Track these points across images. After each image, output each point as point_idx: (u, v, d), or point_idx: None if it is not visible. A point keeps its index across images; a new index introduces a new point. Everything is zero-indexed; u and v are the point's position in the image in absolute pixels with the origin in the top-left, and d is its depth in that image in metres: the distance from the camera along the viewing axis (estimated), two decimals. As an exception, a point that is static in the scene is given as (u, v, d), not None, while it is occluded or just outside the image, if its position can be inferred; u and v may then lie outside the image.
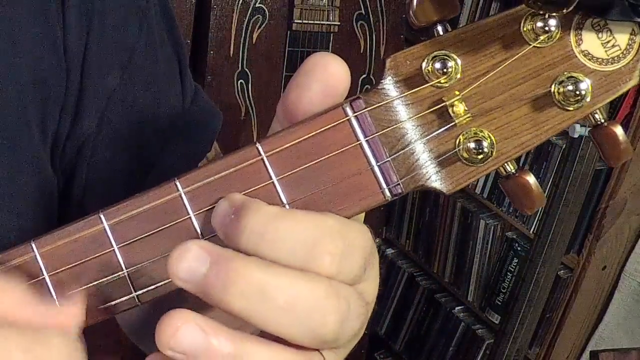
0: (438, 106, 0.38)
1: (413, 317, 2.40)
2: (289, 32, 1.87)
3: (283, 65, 1.89)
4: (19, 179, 0.55)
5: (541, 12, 0.37)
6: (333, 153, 0.38)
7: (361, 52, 1.97)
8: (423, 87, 0.38)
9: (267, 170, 0.38)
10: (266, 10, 1.84)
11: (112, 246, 0.39)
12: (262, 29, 1.85)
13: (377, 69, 1.99)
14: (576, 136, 1.58)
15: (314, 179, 0.38)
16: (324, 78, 0.37)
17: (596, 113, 0.38)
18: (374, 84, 0.39)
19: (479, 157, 0.38)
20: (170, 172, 0.40)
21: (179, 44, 0.64)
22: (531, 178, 0.39)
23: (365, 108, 0.38)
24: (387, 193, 0.38)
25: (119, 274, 0.39)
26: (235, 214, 0.36)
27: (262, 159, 0.38)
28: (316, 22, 1.88)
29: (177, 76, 0.64)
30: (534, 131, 0.38)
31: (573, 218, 1.70)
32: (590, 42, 0.38)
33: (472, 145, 0.38)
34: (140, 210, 0.39)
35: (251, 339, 0.36)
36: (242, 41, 1.84)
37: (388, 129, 0.38)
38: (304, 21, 1.87)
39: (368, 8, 1.96)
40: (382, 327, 2.47)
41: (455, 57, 0.38)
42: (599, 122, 0.38)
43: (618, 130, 0.38)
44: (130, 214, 0.39)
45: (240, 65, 1.85)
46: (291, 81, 0.38)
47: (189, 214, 0.38)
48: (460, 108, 0.38)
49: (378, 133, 0.38)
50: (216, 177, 0.38)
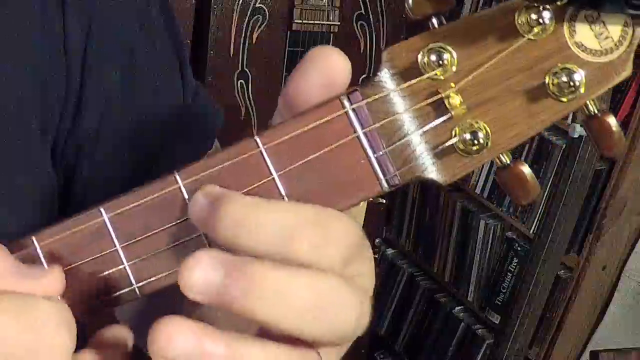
0: (434, 98, 0.38)
1: (413, 317, 2.40)
2: (289, 32, 1.87)
3: (283, 65, 1.89)
4: (19, 178, 0.56)
5: (535, 4, 0.37)
6: (331, 145, 0.38)
7: (361, 52, 1.97)
8: (419, 79, 0.38)
9: (266, 162, 0.38)
10: (266, 10, 1.84)
11: (113, 239, 0.39)
12: (262, 29, 1.85)
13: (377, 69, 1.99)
14: (576, 136, 1.58)
15: (312, 171, 0.38)
16: (326, 70, 0.38)
17: (590, 104, 0.39)
18: (371, 76, 0.39)
19: (475, 148, 0.38)
20: (171, 169, 0.40)
21: (179, 42, 0.64)
22: (526, 168, 0.39)
23: (362, 100, 0.38)
24: (385, 184, 0.39)
25: (120, 267, 0.39)
26: (213, 204, 0.36)
27: (261, 152, 0.38)
28: (316, 22, 1.88)
29: (178, 74, 0.64)
30: (529, 122, 0.39)
31: (573, 218, 1.70)
32: (583, 34, 0.38)
33: (468, 136, 0.38)
34: (140, 203, 0.39)
35: (245, 340, 0.35)
36: (242, 41, 1.84)
37: (385, 121, 0.38)
38: (304, 21, 1.87)
39: (368, 8, 1.96)
40: (382, 327, 2.47)
41: (450, 50, 0.38)
42: (593, 113, 0.39)
43: (611, 120, 0.38)
44: (130, 207, 0.39)
45: (240, 65, 1.85)
46: (293, 72, 0.39)
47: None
48: (456, 100, 0.38)
49: (375, 125, 0.38)
50: (215, 170, 0.38)
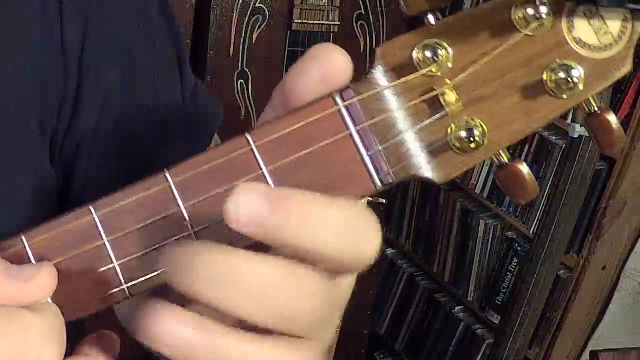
0: (429, 95, 0.38)
1: (413, 317, 2.40)
2: (289, 32, 1.87)
3: (283, 65, 1.89)
4: (19, 177, 0.55)
5: (532, -1, 0.37)
6: (323, 143, 0.37)
7: (361, 52, 1.97)
8: (414, 76, 0.38)
9: (257, 160, 0.38)
10: (266, 10, 1.84)
11: (102, 238, 0.38)
12: (262, 29, 1.85)
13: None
14: (576, 136, 1.57)
15: (304, 169, 0.38)
16: (326, 67, 0.37)
17: (590, 101, 0.38)
18: (365, 73, 0.39)
19: (471, 146, 0.37)
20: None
21: (178, 40, 0.64)
22: (524, 168, 0.38)
23: (355, 97, 0.38)
24: (378, 183, 0.38)
25: (109, 266, 0.39)
26: (276, 205, 0.34)
27: (252, 149, 0.38)
28: (316, 22, 1.88)
29: (177, 72, 0.63)
30: (526, 119, 0.38)
31: (573, 218, 1.69)
32: (582, 30, 0.37)
33: (464, 134, 0.37)
34: (130, 201, 0.38)
35: (228, 333, 0.35)
36: (242, 41, 1.84)
37: (378, 119, 0.38)
38: (304, 21, 1.87)
39: (368, 8, 1.96)
40: (382, 327, 2.47)
41: (446, 46, 0.38)
42: (593, 111, 0.38)
43: (611, 118, 0.37)
44: (120, 206, 0.38)
45: (240, 65, 1.85)
46: (293, 66, 0.38)
47: (179, 205, 0.38)
48: (451, 97, 0.38)
49: (368, 123, 0.38)
50: (206, 168, 0.38)
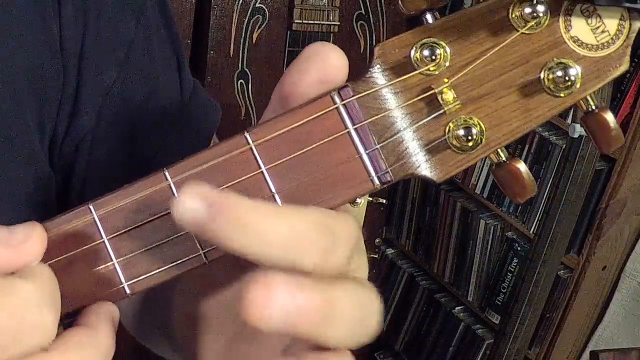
0: (427, 94, 0.38)
1: (413, 317, 2.40)
2: (289, 32, 1.87)
3: (283, 65, 1.89)
4: (17, 178, 0.55)
5: (530, -2, 0.37)
6: (321, 141, 0.37)
7: (361, 52, 1.97)
8: (411, 75, 0.38)
9: (256, 159, 0.38)
10: (266, 10, 1.84)
11: (102, 237, 0.38)
12: (262, 29, 1.85)
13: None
14: (576, 136, 1.57)
15: (303, 168, 0.38)
16: (323, 66, 0.37)
17: (587, 100, 0.38)
18: (363, 72, 0.39)
19: (469, 145, 0.38)
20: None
21: (177, 39, 0.64)
22: (522, 165, 0.38)
23: (353, 96, 0.38)
24: (376, 181, 0.38)
25: (109, 264, 0.39)
26: (212, 209, 0.34)
27: (251, 148, 0.38)
28: (316, 22, 1.88)
29: (175, 71, 0.63)
30: (524, 118, 0.38)
31: (573, 218, 1.69)
32: (579, 28, 0.38)
33: (462, 132, 0.37)
34: (129, 200, 0.38)
35: (335, 283, 0.35)
36: (242, 41, 1.84)
37: (377, 117, 0.38)
38: (304, 21, 1.86)
39: (368, 8, 1.95)
40: (382, 327, 2.46)
41: (443, 45, 0.38)
42: (591, 109, 0.38)
43: (609, 116, 0.37)
44: (119, 205, 0.38)
45: (240, 65, 1.85)
46: (290, 66, 0.38)
47: None
48: (449, 95, 0.38)
49: (366, 121, 0.38)
50: (205, 167, 0.38)
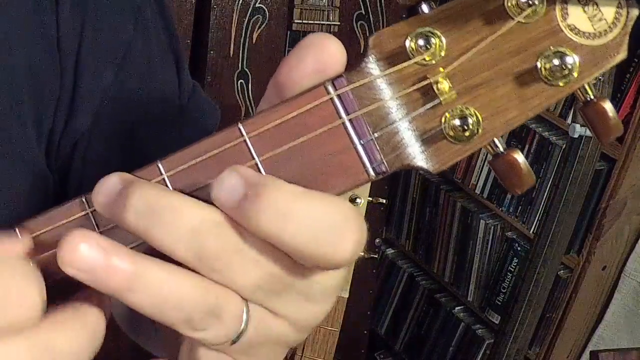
0: (422, 84, 0.37)
1: (413, 317, 2.40)
2: (289, 32, 1.87)
3: (283, 64, 1.89)
4: (15, 178, 0.55)
5: (526, -14, 0.36)
6: (316, 132, 0.37)
7: (361, 52, 1.96)
8: (407, 65, 0.38)
9: (250, 150, 0.37)
10: (266, 10, 1.84)
11: (96, 231, 0.38)
12: (262, 29, 1.85)
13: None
14: (576, 136, 1.57)
15: (297, 159, 0.37)
16: (320, 56, 0.37)
17: (585, 89, 0.37)
18: (357, 62, 0.38)
19: (465, 135, 0.37)
20: None
21: (176, 41, 0.64)
22: (520, 157, 0.38)
23: (347, 86, 0.37)
24: (371, 172, 0.38)
25: None
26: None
27: (245, 140, 0.37)
28: (316, 22, 1.88)
29: (174, 72, 0.63)
30: (521, 107, 0.37)
31: (573, 218, 1.69)
32: (576, 16, 0.37)
33: (458, 122, 0.37)
34: None
35: (152, 260, 0.36)
36: (242, 41, 1.84)
37: (371, 108, 0.37)
38: (304, 21, 1.86)
39: (368, 8, 1.95)
40: (382, 327, 2.47)
41: (439, 34, 0.37)
42: (589, 99, 0.38)
43: (607, 105, 0.37)
44: None
45: (240, 65, 1.85)
46: (287, 56, 0.38)
47: None
48: (445, 85, 0.37)
49: (361, 111, 0.37)
50: (199, 160, 0.38)
